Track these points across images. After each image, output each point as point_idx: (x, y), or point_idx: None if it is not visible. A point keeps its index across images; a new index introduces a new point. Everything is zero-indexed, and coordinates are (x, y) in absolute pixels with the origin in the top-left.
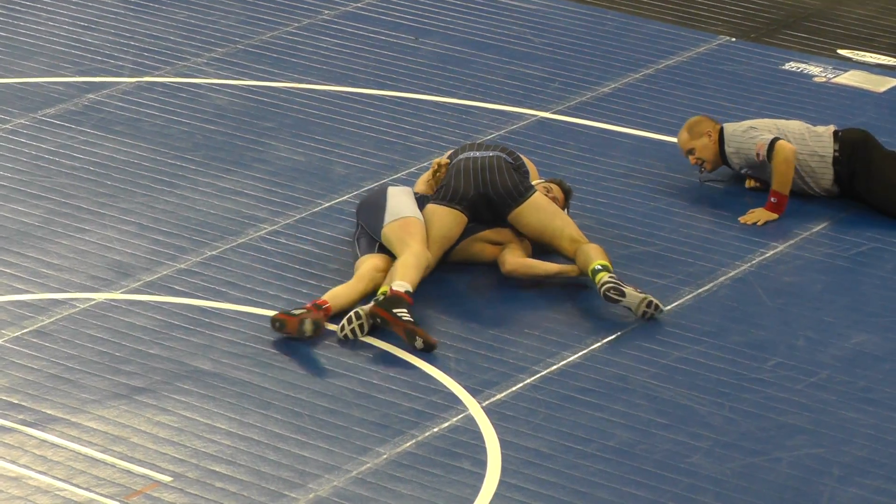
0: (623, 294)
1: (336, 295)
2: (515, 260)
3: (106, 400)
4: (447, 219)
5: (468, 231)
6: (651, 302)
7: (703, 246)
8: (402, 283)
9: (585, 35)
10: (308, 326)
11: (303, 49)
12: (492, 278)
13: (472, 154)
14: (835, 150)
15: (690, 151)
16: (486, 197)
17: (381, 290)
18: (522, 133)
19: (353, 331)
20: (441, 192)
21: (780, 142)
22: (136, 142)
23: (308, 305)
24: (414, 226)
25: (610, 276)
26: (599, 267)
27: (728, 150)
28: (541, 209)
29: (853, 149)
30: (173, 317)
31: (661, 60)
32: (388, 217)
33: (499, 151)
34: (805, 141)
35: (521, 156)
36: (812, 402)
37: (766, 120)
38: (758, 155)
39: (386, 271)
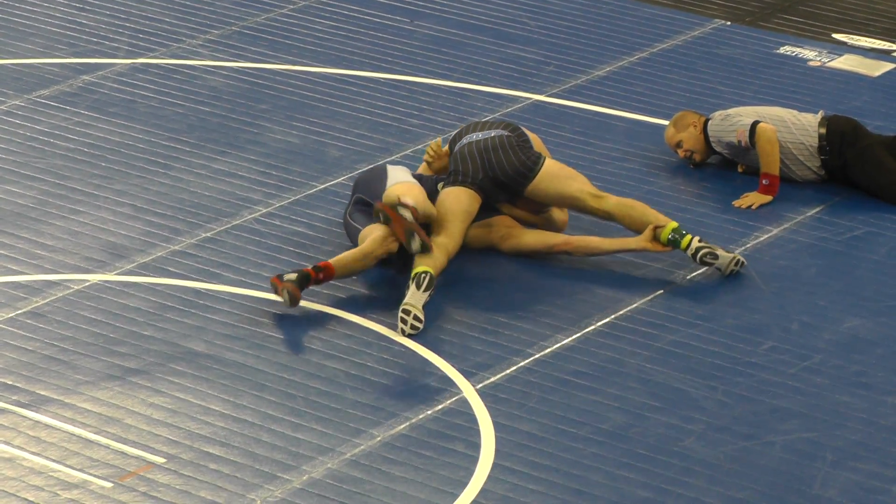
0: (717, 257)
1: (341, 259)
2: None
3: (100, 381)
4: (463, 195)
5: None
6: (739, 261)
7: (697, 230)
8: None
9: (581, 18)
10: (286, 296)
11: (298, 31)
12: (486, 262)
13: (474, 137)
14: (821, 140)
15: (678, 144)
16: (495, 180)
17: (418, 269)
18: (517, 116)
19: (412, 326)
20: (451, 178)
21: (760, 124)
22: (130, 123)
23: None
24: (417, 187)
25: (697, 240)
26: (677, 235)
27: (711, 139)
28: (554, 176)
29: (842, 138)
30: (167, 298)
31: (655, 44)
32: (390, 182)
33: (500, 129)
34: (788, 128)
35: (526, 130)
36: (805, 386)
37: (748, 108)
38: (739, 142)
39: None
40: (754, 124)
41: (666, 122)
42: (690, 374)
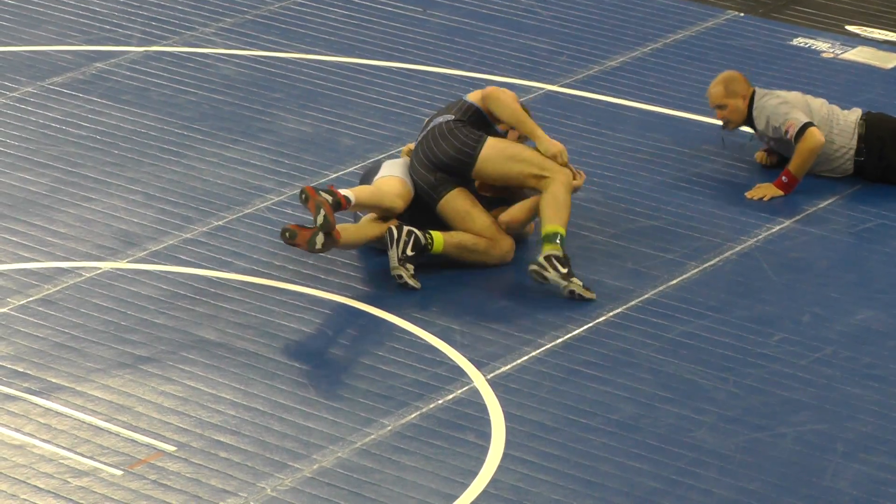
0: (546, 280)
1: (346, 229)
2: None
3: (111, 369)
4: (450, 205)
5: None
6: (573, 291)
7: (708, 220)
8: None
9: (594, 8)
10: (318, 240)
11: (311, 20)
12: None
13: (417, 142)
14: (859, 142)
15: (720, 107)
16: (442, 169)
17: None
18: (530, 106)
19: (412, 277)
20: (427, 196)
21: (813, 129)
22: (143, 111)
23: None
24: (391, 179)
25: (546, 255)
26: (549, 234)
27: (756, 116)
28: (496, 159)
29: (882, 144)
30: (179, 286)
31: (669, 35)
32: (379, 175)
33: (439, 118)
34: (830, 128)
35: (481, 97)
36: (817, 378)
37: (798, 95)
38: (786, 132)
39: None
40: (807, 126)
41: (679, 114)
42: (701, 366)
